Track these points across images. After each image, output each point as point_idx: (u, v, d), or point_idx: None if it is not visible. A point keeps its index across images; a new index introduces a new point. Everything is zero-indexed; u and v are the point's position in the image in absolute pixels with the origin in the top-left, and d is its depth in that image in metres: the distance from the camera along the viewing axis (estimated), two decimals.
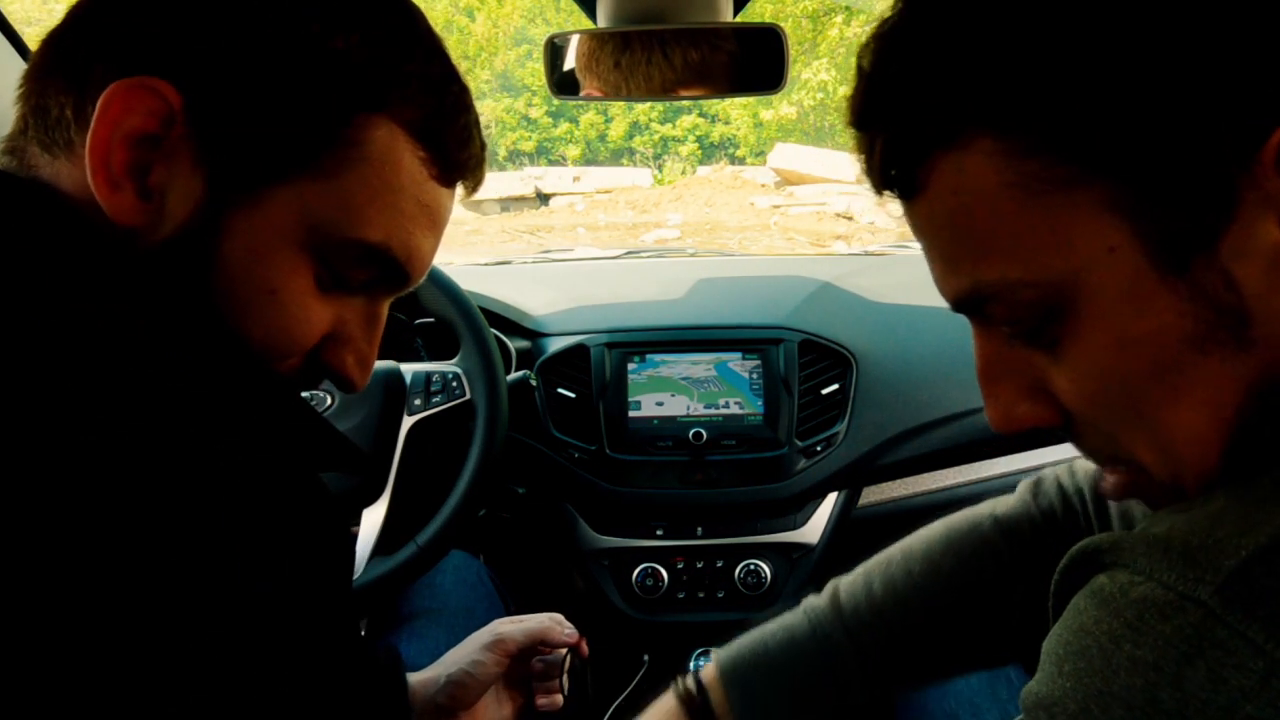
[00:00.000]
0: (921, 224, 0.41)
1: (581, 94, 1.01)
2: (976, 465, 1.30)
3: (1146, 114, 0.34)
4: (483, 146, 0.51)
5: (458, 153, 0.48)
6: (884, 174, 0.41)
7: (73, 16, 0.44)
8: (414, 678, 0.78)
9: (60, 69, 0.43)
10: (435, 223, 0.49)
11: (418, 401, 1.02)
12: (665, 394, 1.24)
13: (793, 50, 0.98)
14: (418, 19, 0.47)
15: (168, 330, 0.40)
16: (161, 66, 0.41)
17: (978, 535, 0.64)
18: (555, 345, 1.26)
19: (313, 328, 0.46)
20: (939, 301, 0.43)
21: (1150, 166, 0.34)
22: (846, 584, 0.66)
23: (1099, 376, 0.38)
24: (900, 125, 0.39)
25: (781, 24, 0.97)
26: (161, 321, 0.40)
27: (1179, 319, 0.35)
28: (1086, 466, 0.64)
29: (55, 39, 0.44)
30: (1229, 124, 0.33)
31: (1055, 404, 0.41)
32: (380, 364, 1.04)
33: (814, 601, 0.66)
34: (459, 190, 0.51)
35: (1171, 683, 0.31)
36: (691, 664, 1.22)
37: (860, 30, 12.50)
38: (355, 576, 0.94)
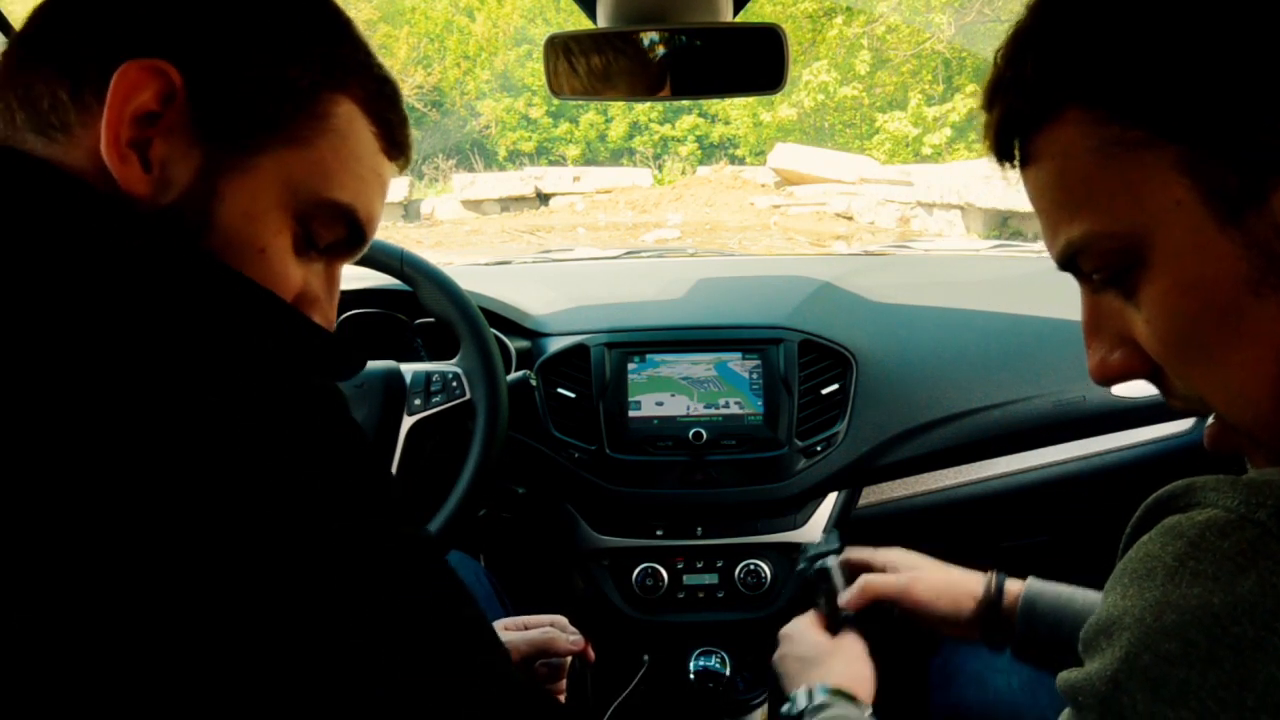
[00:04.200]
0: (1031, 191, 0.48)
1: (581, 94, 1.01)
2: (976, 465, 1.29)
3: (1203, 87, 0.40)
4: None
5: (400, 130, 0.56)
6: (1001, 145, 0.48)
7: (44, 15, 0.49)
8: None
9: (48, 60, 0.47)
10: (384, 191, 0.57)
11: (418, 401, 1.02)
12: (665, 394, 1.24)
13: (793, 50, 0.98)
14: (352, 23, 0.56)
15: (174, 278, 0.44)
16: (160, 52, 0.46)
17: None
18: (555, 345, 1.26)
19: (290, 285, 0.52)
20: (939, 301, 0.44)
21: (1208, 132, 0.40)
22: None
23: (1169, 318, 0.43)
24: (1011, 103, 0.46)
25: (781, 24, 0.97)
26: (167, 272, 0.44)
27: (1236, 264, 0.40)
28: None
29: (29, 36, 0.49)
30: (1269, 95, 0.39)
31: (1142, 355, 0.45)
32: (380, 364, 1.05)
33: None
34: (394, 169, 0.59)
35: (1224, 590, 0.35)
36: (692, 664, 1.22)
37: (860, 30, 12.48)
38: None
